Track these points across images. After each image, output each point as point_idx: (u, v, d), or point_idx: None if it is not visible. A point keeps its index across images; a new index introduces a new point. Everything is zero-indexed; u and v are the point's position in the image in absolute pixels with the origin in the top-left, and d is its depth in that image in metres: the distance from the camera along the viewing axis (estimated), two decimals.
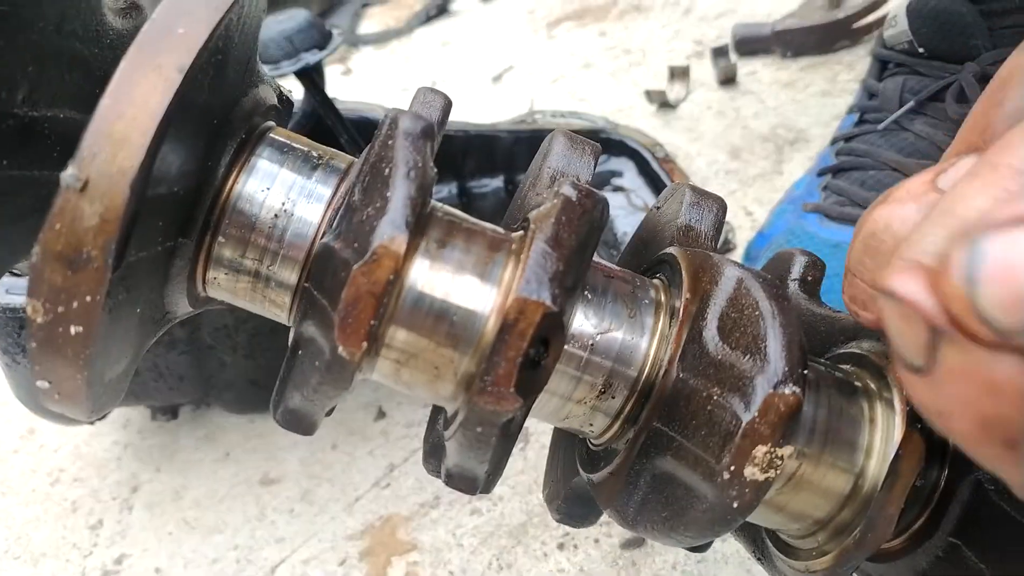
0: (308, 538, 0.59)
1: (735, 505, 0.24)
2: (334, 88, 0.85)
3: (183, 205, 0.26)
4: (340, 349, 0.24)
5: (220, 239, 0.27)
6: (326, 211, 0.27)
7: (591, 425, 0.29)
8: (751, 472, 0.24)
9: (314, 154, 0.29)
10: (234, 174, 0.27)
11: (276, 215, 0.27)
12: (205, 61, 0.23)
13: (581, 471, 0.31)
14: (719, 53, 0.99)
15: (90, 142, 0.21)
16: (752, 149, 0.85)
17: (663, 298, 0.28)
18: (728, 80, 0.96)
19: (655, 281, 0.29)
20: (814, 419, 0.27)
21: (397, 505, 0.59)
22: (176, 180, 0.24)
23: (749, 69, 0.99)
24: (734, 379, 0.24)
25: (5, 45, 0.25)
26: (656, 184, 0.82)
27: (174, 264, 0.27)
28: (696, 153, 0.87)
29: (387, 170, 0.24)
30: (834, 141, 0.60)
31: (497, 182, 0.87)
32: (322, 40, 0.73)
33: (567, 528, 0.53)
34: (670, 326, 0.27)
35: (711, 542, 0.33)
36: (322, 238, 0.26)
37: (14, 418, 0.81)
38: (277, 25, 0.71)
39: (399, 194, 0.24)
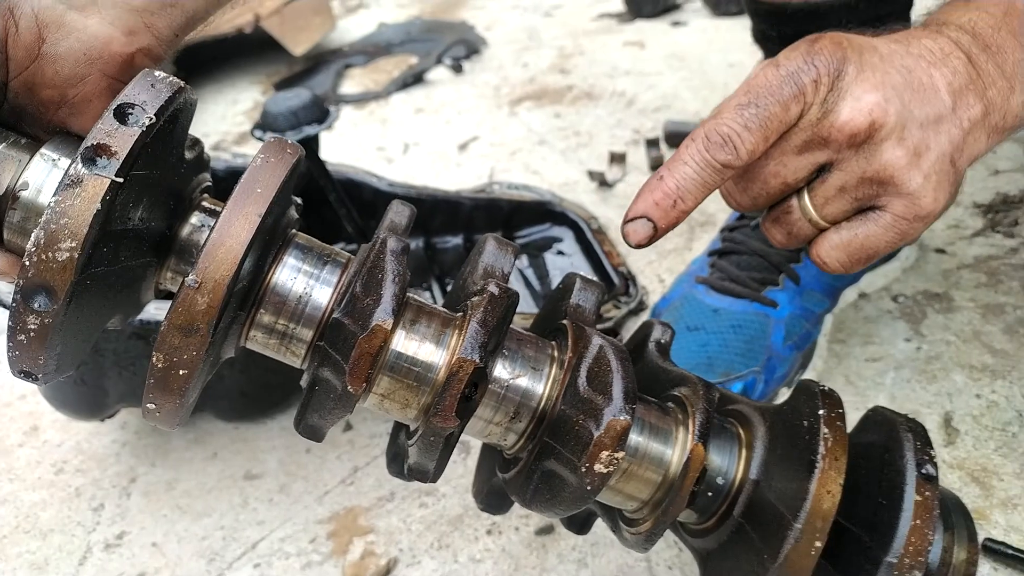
0: (284, 522, 0.72)
1: (589, 488, 0.40)
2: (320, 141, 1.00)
3: (248, 291, 0.40)
4: (349, 387, 0.39)
5: (261, 311, 0.41)
6: (333, 293, 0.41)
7: (505, 440, 0.44)
8: (599, 467, 0.39)
9: (324, 253, 0.43)
10: (272, 268, 0.41)
11: (300, 297, 0.41)
12: (272, 207, 0.38)
13: (498, 472, 0.46)
14: (651, 144, 1.17)
15: (204, 259, 0.36)
16: None
17: (556, 354, 0.44)
18: (657, 167, 1.14)
19: (552, 343, 0.45)
20: (640, 433, 0.43)
21: (359, 498, 0.73)
22: (247, 277, 0.39)
23: None
24: (592, 410, 0.40)
25: (144, 192, 0.38)
26: (589, 251, 0.98)
27: (233, 329, 0.41)
28: None
29: (380, 276, 0.40)
30: (721, 230, 0.78)
31: (457, 240, 1.02)
32: (321, 115, 0.88)
33: (495, 519, 0.67)
34: (559, 374, 0.43)
35: (592, 523, 0.49)
36: (334, 314, 0.40)
37: (18, 417, 0.92)
38: (285, 102, 0.87)
39: (388, 293, 0.39)
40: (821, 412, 0.41)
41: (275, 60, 1.86)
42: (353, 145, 1.44)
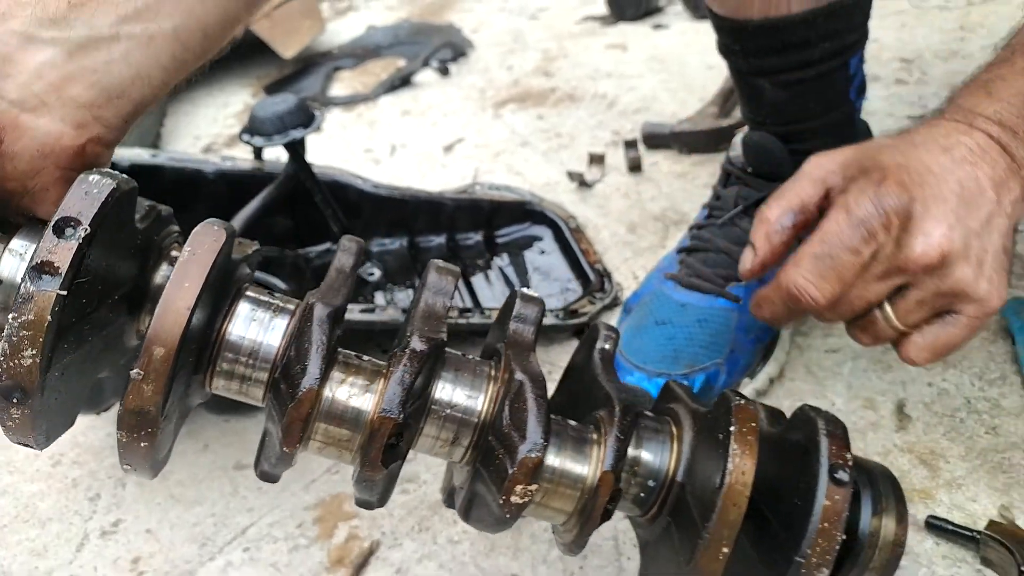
0: (272, 508, 0.76)
1: (508, 516, 0.45)
2: (308, 145, 1.03)
3: (202, 348, 0.45)
4: (284, 447, 0.43)
5: (220, 362, 0.46)
6: (283, 338, 0.46)
7: (452, 457, 0.48)
8: (514, 499, 0.43)
9: (273, 303, 0.48)
10: (226, 321, 0.46)
11: (253, 346, 0.46)
12: (200, 298, 0.42)
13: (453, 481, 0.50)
14: (630, 145, 1.21)
15: (144, 355, 0.41)
16: (646, 226, 1.06)
17: (494, 373, 0.48)
18: (635, 168, 1.18)
19: (489, 368, 0.49)
20: (558, 456, 0.46)
21: (344, 486, 0.76)
22: (195, 338, 0.43)
23: (652, 160, 1.21)
24: (509, 445, 0.44)
25: (102, 276, 0.43)
26: (567, 250, 1.02)
27: (192, 389, 0.46)
28: (603, 226, 1.08)
29: (307, 345, 0.44)
30: (690, 228, 0.81)
31: (441, 239, 1.06)
32: (307, 120, 0.92)
33: None
34: (494, 399, 0.47)
35: None
36: (275, 373, 0.45)
37: None
38: (272, 106, 0.90)
39: (314, 364, 0.44)
40: (732, 428, 0.44)
41: (265, 63, 1.89)
42: (341, 147, 1.48)
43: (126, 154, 0.91)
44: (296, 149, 0.92)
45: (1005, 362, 0.74)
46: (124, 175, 0.43)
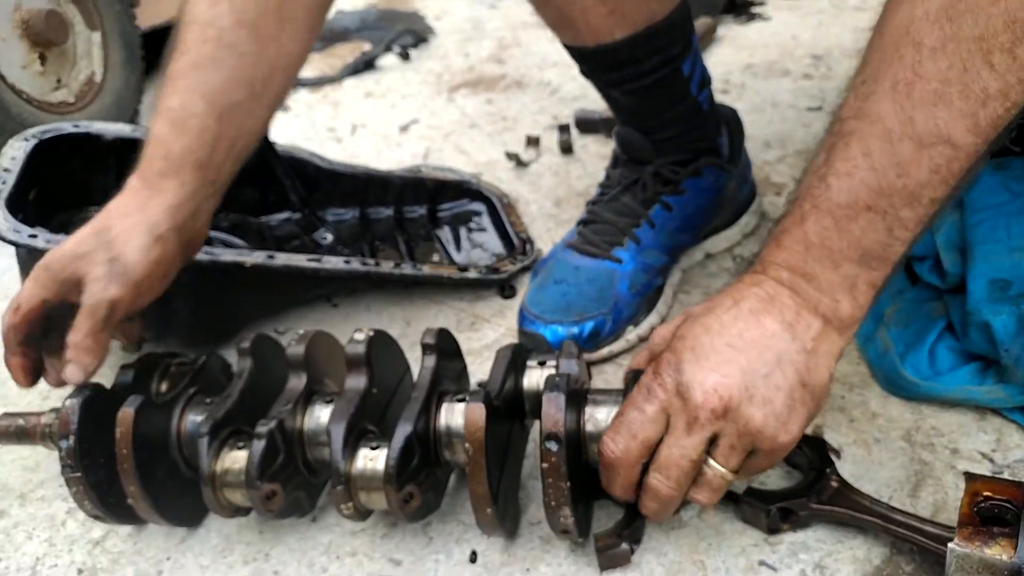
0: None
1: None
2: (276, 123, 1.16)
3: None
4: None
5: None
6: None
7: None
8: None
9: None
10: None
11: None
12: None
13: None
14: (563, 129, 1.35)
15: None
16: (570, 201, 1.21)
17: None
18: (566, 150, 1.32)
19: None
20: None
21: None
22: None
23: (583, 143, 1.35)
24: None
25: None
26: (499, 223, 1.16)
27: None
28: (533, 200, 1.22)
29: None
30: (587, 204, 0.96)
31: (389, 211, 1.19)
32: None
33: None
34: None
35: None
36: None
37: None
38: None
39: None
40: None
41: None
42: (306, 126, 1.60)
43: (110, 128, 1.03)
44: None
45: None
46: None
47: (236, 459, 0.65)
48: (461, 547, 0.70)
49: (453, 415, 0.64)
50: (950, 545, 0.56)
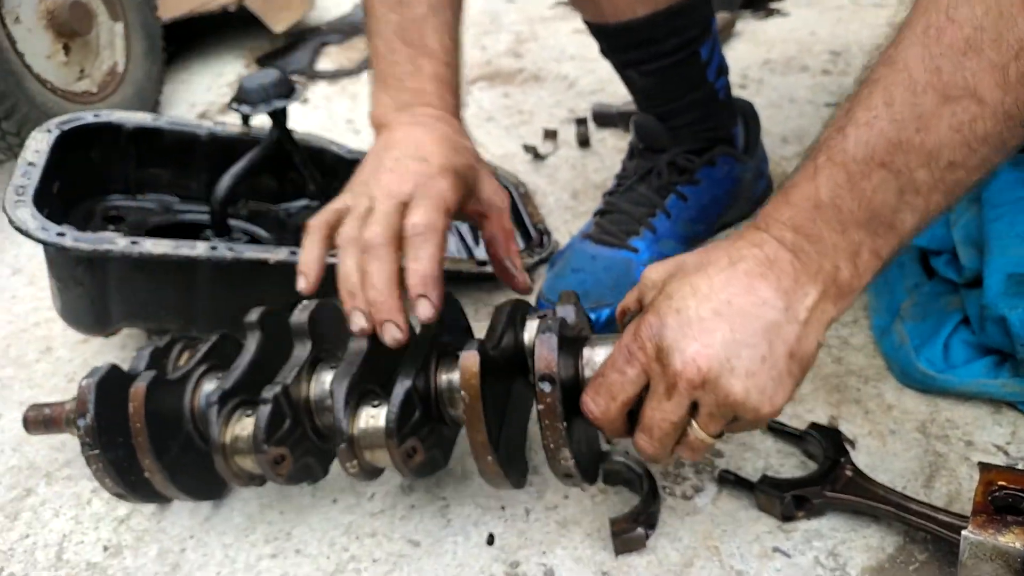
0: None
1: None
2: (294, 114, 1.17)
3: None
4: None
5: None
6: None
7: None
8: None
9: None
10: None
11: None
12: None
13: None
14: (580, 122, 1.35)
15: None
16: (587, 193, 1.21)
17: None
18: (584, 143, 1.33)
19: None
20: None
21: None
22: None
23: (600, 137, 1.36)
24: None
25: None
26: (516, 212, 1.17)
27: None
28: (550, 193, 1.23)
29: None
30: (604, 195, 0.97)
31: None
32: (289, 91, 1.06)
33: None
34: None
35: None
36: None
37: (33, 340, 1.09)
38: (258, 79, 1.04)
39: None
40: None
41: (258, 36, 2.02)
42: (325, 118, 1.62)
43: (131, 117, 1.05)
44: (279, 117, 1.06)
45: (859, 308, 0.90)
46: None
47: (245, 426, 0.66)
48: (479, 529, 0.71)
49: (452, 369, 0.65)
50: (964, 533, 0.56)
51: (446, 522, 0.72)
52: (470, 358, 0.59)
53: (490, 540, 0.70)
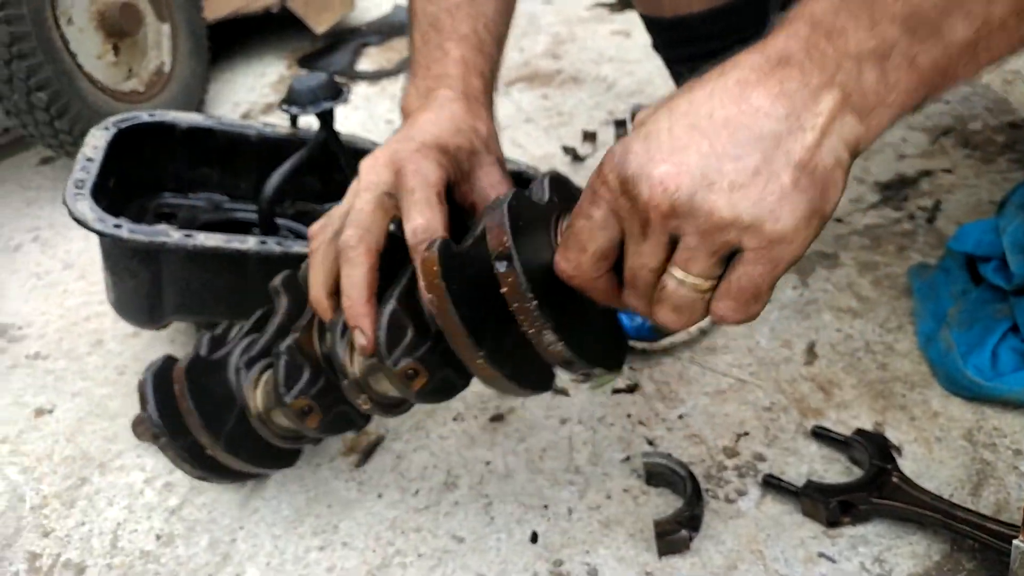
0: None
1: None
2: (335, 115, 1.19)
3: None
4: None
5: None
6: None
7: None
8: None
9: None
10: None
11: None
12: None
13: None
14: (619, 124, 1.36)
15: None
16: None
17: None
18: None
19: None
20: None
21: None
22: None
23: None
24: None
25: None
26: None
27: None
28: None
29: None
30: None
31: None
32: (336, 93, 1.08)
33: (461, 409, 0.88)
34: None
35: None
36: None
37: (85, 333, 1.13)
38: (307, 81, 1.06)
39: None
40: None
41: (299, 37, 2.05)
42: (365, 118, 1.64)
43: (184, 117, 1.07)
44: (326, 118, 1.08)
45: (904, 315, 0.89)
46: None
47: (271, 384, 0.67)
48: (522, 527, 0.72)
49: None
50: (1015, 542, 0.56)
51: (489, 519, 0.73)
52: (428, 259, 0.50)
53: (533, 538, 0.71)
